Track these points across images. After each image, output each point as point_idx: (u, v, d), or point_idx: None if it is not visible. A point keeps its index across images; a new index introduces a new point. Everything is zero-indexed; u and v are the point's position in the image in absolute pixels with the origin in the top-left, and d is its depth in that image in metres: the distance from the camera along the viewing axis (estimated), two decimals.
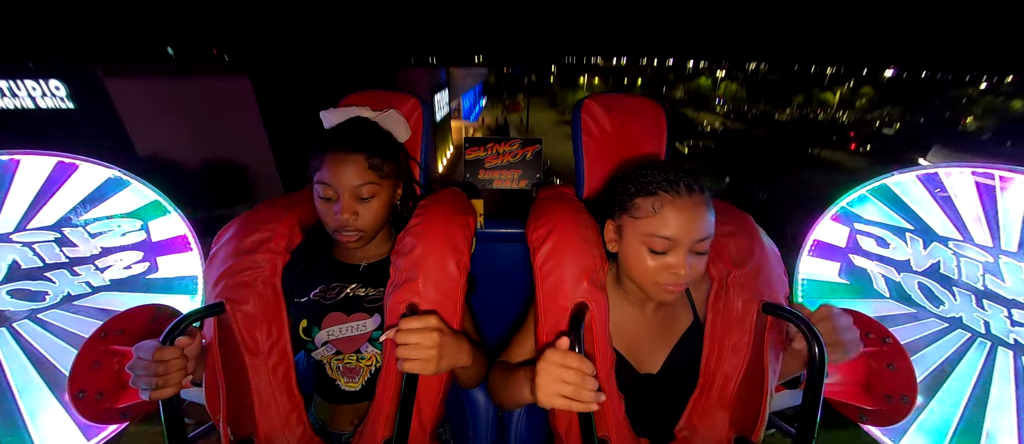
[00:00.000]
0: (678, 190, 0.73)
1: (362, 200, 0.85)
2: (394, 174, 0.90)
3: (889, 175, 1.30)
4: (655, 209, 0.73)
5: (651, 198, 0.74)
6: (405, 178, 0.96)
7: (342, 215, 0.83)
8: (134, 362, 0.70)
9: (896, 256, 1.30)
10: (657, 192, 0.74)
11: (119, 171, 1.28)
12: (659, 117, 1.08)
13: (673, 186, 0.73)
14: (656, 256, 0.75)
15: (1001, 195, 1.16)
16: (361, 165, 0.84)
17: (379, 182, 0.86)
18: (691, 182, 0.74)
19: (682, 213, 0.72)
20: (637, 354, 0.88)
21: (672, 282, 0.75)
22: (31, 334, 1.23)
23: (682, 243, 0.73)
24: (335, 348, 0.91)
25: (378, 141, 0.88)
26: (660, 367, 0.88)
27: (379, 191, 0.86)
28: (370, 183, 0.85)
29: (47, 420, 1.23)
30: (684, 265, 0.73)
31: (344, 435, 0.94)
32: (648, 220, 0.74)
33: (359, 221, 0.85)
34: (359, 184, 0.84)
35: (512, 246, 1.22)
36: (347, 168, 0.83)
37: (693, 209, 0.72)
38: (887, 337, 0.97)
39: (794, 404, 0.92)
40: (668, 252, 0.74)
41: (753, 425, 0.77)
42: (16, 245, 1.20)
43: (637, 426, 0.85)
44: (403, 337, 0.70)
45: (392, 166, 0.89)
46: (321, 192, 0.85)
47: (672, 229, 0.72)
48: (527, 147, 1.29)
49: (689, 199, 0.72)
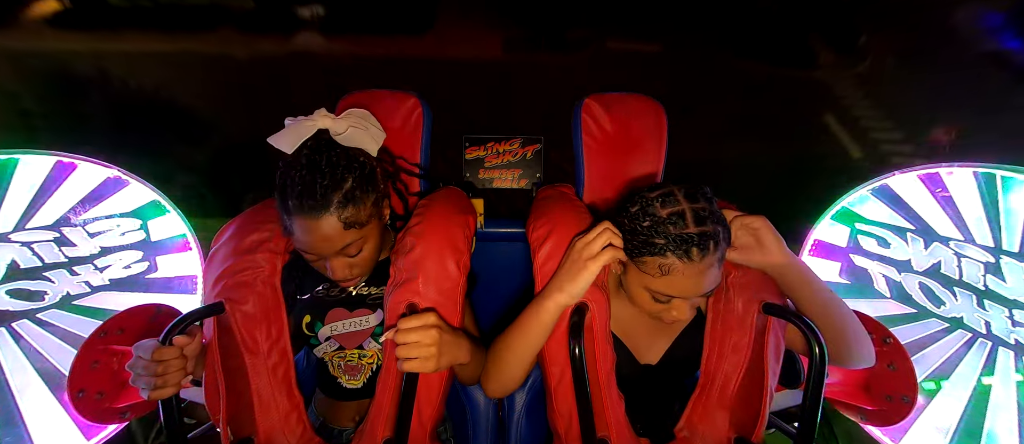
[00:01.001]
0: (690, 256, 0.65)
1: (351, 256, 0.78)
2: (374, 206, 0.79)
3: (890, 174, 1.29)
4: (663, 271, 0.68)
5: (659, 258, 0.67)
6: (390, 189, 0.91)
7: (336, 276, 0.79)
8: (133, 362, 0.70)
9: (897, 256, 1.30)
10: (666, 254, 0.67)
11: (119, 171, 1.28)
12: (659, 117, 1.07)
13: (685, 251, 0.65)
14: (658, 303, 0.73)
15: (1003, 195, 1.15)
16: (336, 228, 0.72)
17: (362, 231, 0.76)
18: (705, 240, 0.65)
19: (690, 279, 0.67)
20: (637, 345, 0.88)
21: (670, 320, 0.75)
22: (31, 334, 1.23)
23: (686, 298, 0.72)
24: (338, 343, 0.91)
25: (345, 187, 0.73)
26: (660, 359, 0.88)
27: (366, 236, 0.78)
28: (353, 241, 0.75)
29: (47, 420, 1.23)
30: (687, 312, 0.74)
31: (345, 431, 0.94)
32: (655, 279, 0.69)
33: (357, 269, 0.81)
34: (341, 248, 0.75)
35: (512, 246, 1.22)
36: (322, 236, 0.72)
37: (703, 273, 0.67)
38: (888, 337, 0.97)
39: (794, 404, 0.92)
40: (672, 301, 0.72)
41: (753, 425, 0.77)
42: (15, 245, 1.20)
43: (636, 422, 0.85)
44: (402, 337, 0.70)
45: (370, 202, 0.77)
46: (304, 255, 0.79)
47: (678, 290, 0.69)
48: (527, 147, 1.29)
49: (701, 264, 0.66)
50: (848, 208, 1.36)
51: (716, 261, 0.68)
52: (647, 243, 0.68)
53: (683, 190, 0.69)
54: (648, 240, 0.68)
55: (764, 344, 0.77)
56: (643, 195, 0.71)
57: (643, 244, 0.69)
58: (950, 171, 1.21)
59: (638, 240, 0.69)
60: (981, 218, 1.18)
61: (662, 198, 0.69)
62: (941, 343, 1.25)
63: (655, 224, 0.67)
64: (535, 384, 1.05)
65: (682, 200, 0.68)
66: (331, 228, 0.72)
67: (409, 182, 1.02)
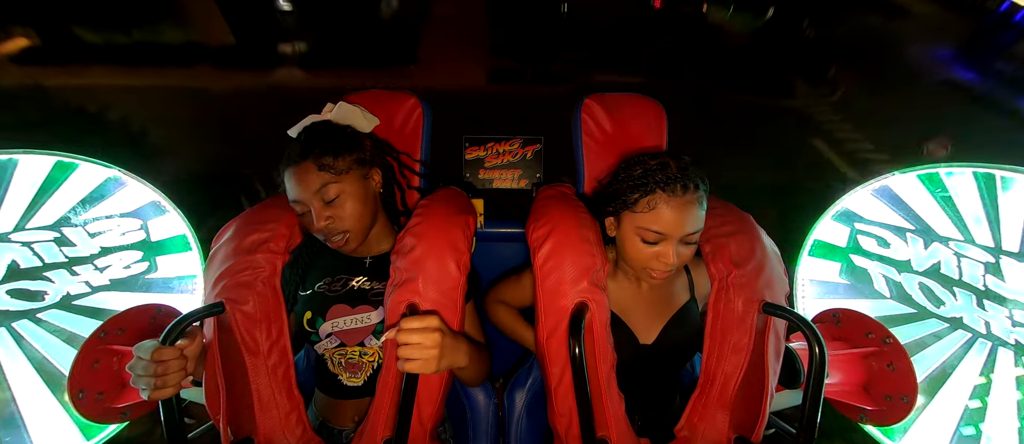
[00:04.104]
0: (674, 189, 0.77)
1: (329, 203, 0.83)
2: (357, 164, 0.87)
3: (890, 175, 1.29)
4: (650, 206, 0.78)
5: (648, 196, 0.78)
6: (379, 164, 0.94)
7: (318, 223, 0.83)
8: (133, 362, 0.70)
9: (897, 256, 1.30)
10: (654, 190, 0.78)
11: (119, 171, 1.28)
12: (659, 116, 1.08)
13: (669, 185, 0.77)
14: (648, 246, 0.80)
15: (1002, 195, 1.15)
16: (312, 170, 0.82)
17: (338, 179, 0.83)
18: (686, 180, 0.77)
19: (675, 210, 0.77)
20: (636, 324, 0.90)
21: (660, 269, 0.81)
22: (31, 334, 1.23)
23: (672, 237, 0.78)
24: (339, 340, 0.91)
25: (326, 140, 0.85)
26: (654, 339, 0.90)
27: (343, 187, 0.84)
28: (329, 183, 0.82)
29: (47, 420, 1.23)
30: (671, 255, 0.79)
31: (345, 431, 0.94)
32: (643, 215, 0.79)
33: (339, 222, 0.84)
34: (318, 188, 0.82)
35: (512, 246, 1.22)
36: (302, 178, 0.82)
37: (685, 207, 0.77)
38: (887, 337, 0.97)
39: (794, 404, 0.92)
40: (659, 243, 0.79)
41: (753, 425, 0.77)
42: (15, 245, 1.20)
43: (635, 416, 0.85)
44: (404, 337, 0.70)
45: (350, 158, 0.86)
46: (296, 209, 0.86)
47: (663, 225, 0.78)
48: (527, 147, 1.29)
49: (683, 198, 0.77)
50: (848, 208, 1.36)
51: (697, 201, 0.78)
52: (637, 186, 0.80)
53: (669, 152, 0.84)
54: (638, 184, 0.80)
55: (764, 344, 0.77)
56: (637, 155, 0.85)
57: (634, 187, 0.81)
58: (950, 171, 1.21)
59: (630, 184, 0.82)
60: (981, 218, 1.18)
61: (652, 155, 0.83)
62: (941, 343, 1.25)
63: (646, 171, 0.80)
64: (535, 384, 1.05)
65: (668, 157, 0.82)
66: (308, 171, 0.82)
67: (410, 179, 1.02)
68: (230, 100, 1.55)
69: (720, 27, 1.74)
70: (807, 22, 1.70)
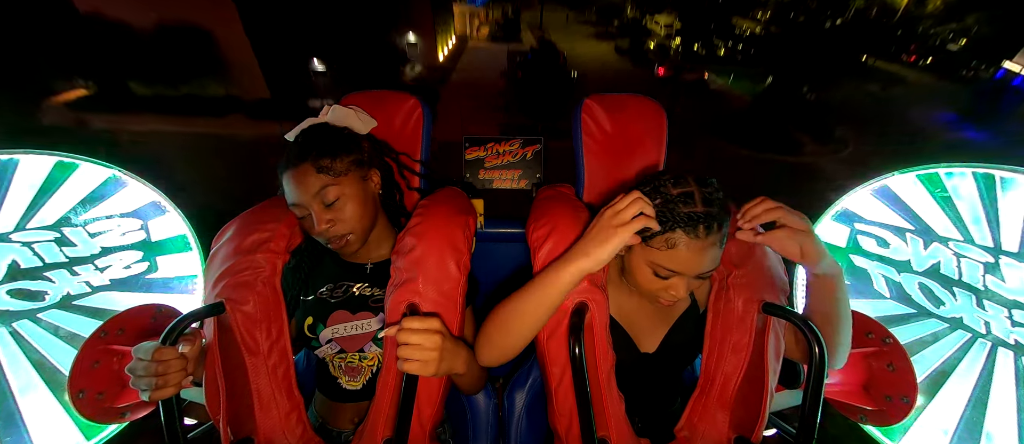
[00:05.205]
0: (696, 232, 0.69)
1: (329, 206, 0.83)
2: (355, 166, 0.87)
3: (890, 175, 1.29)
4: (668, 244, 0.71)
5: (668, 233, 0.71)
6: (378, 165, 0.94)
7: (318, 227, 0.82)
8: (133, 363, 0.70)
9: (896, 256, 1.30)
10: (675, 229, 0.70)
11: (119, 171, 1.28)
12: (659, 117, 1.07)
13: (692, 227, 0.69)
14: (659, 279, 0.75)
15: (1002, 195, 1.15)
16: (310, 173, 0.81)
17: (337, 180, 0.83)
18: (711, 221, 0.69)
19: (694, 254, 0.70)
20: (638, 333, 0.89)
21: (668, 299, 0.77)
22: (31, 334, 1.23)
23: (687, 276, 0.73)
24: (339, 346, 0.91)
25: (323, 142, 0.85)
26: (657, 346, 0.89)
27: (343, 189, 0.83)
28: (328, 186, 0.82)
29: (47, 420, 1.23)
30: (684, 292, 0.75)
31: (344, 433, 0.94)
32: (659, 252, 0.72)
33: (339, 226, 0.84)
34: (317, 191, 0.81)
35: (512, 246, 1.22)
36: (301, 181, 0.81)
37: (705, 251, 0.71)
38: (887, 337, 0.97)
39: (794, 404, 0.92)
40: (671, 277, 0.74)
41: (753, 425, 0.77)
42: (16, 245, 1.20)
43: (635, 418, 0.85)
44: (405, 337, 0.70)
45: (348, 159, 0.86)
46: (295, 213, 0.85)
47: (680, 264, 0.72)
48: (527, 147, 1.29)
49: (706, 240, 0.70)
50: (848, 208, 1.36)
51: (718, 241, 0.71)
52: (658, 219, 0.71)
53: (694, 175, 0.74)
54: (657, 217, 0.70)
55: (764, 344, 0.77)
56: (657, 177, 0.75)
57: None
58: (949, 171, 1.21)
59: None
60: (980, 218, 1.18)
61: (674, 179, 0.73)
62: (941, 343, 1.25)
63: (666, 202, 0.71)
64: (535, 384, 1.05)
65: (692, 183, 0.72)
66: (306, 174, 0.82)
67: (410, 179, 1.02)
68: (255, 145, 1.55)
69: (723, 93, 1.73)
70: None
